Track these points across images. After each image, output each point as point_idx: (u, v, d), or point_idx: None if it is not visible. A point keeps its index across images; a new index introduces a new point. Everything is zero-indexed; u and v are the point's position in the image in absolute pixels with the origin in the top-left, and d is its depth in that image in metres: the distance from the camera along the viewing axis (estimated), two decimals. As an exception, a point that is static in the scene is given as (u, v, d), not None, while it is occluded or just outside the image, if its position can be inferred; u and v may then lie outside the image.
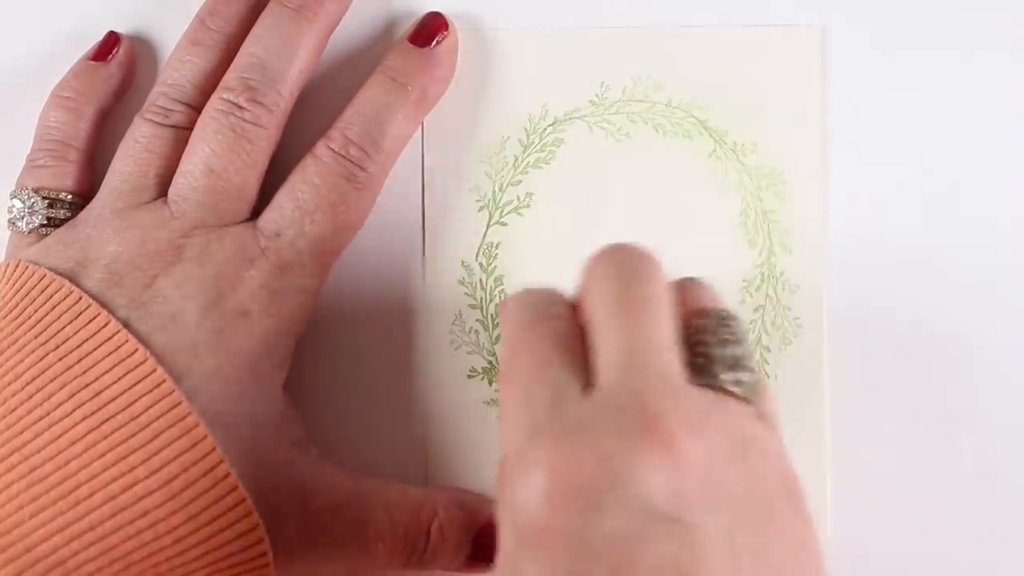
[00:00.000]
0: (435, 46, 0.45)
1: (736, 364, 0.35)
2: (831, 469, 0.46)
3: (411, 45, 0.45)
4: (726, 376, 0.35)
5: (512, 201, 0.46)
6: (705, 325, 0.35)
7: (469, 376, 0.46)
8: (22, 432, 0.39)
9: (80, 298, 0.41)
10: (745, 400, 0.35)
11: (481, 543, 0.45)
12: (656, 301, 0.35)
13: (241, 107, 0.43)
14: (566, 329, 0.36)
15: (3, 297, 0.42)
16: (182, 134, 0.44)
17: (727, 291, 0.46)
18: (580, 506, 0.32)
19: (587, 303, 0.36)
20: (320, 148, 0.43)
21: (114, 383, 0.40)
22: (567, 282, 0.46)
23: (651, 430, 0.32)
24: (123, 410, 0.40)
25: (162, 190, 0.43)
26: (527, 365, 0.35)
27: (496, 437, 0.46)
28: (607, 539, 0.31)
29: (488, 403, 0.46)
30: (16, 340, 0.41)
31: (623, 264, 0.36)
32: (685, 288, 0.37)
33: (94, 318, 0.41)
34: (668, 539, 0.31)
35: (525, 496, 0.33)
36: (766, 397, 0.35)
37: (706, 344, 0.35)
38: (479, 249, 0.46)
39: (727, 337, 0.35)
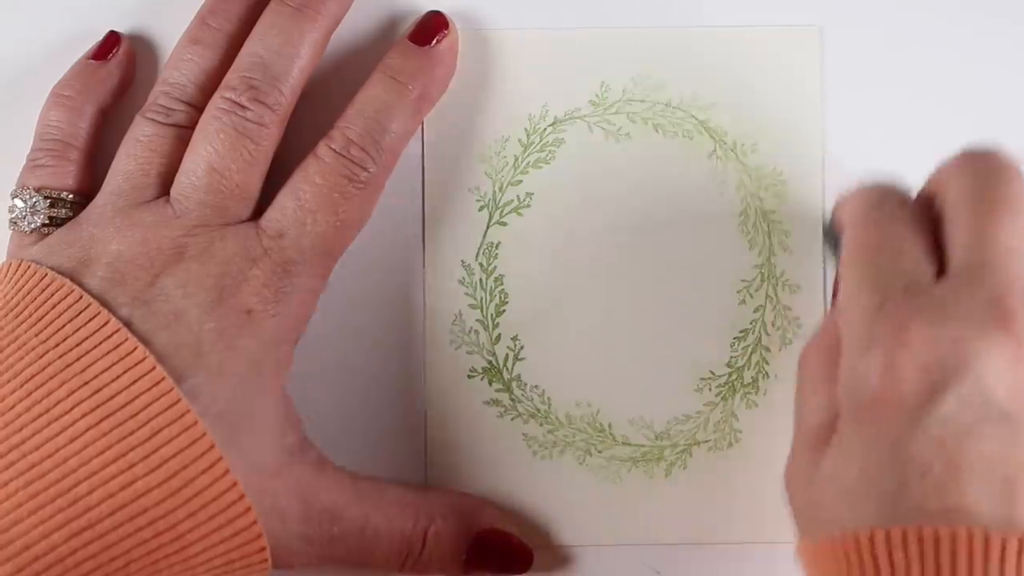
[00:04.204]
0: (435, 45, 0.45)
1: None
2: (831, 469, 0.46)
3: (411, 44, 0.45)
4: None
5: (512, 201, 0.46)
6: None
7: (469, 376, 0.46)
8: (21, 430, 0.39)
9: (80, 297, 0.41)
10: None
11: (477, 549, 0.45)
12: (1017, 203, 0.36)
13: (243, 106, 0.43)
14: (919, 213, 0.37)
15: (4, 296, 0.42)
16: (184, 133, 0.44)
17: (727, 291, 0.46)
18: (923, 384, 0.34)
19: (944, 196, 0.37)
20: (321, 148, 0.43)
21: (113, 381, 0.40)
22: (567, 282, 0.46)
23: (1004, 324, 0.34)
24: (122, 408, 0.40)
25: (164, 189, 0.43)
26: (879, 241, 0.37)
27: (496, 436, 0.46)
28: (942, 421, 0.33)
29: (488, 403, 0.46)
30: (17, 339, 0.41)
31: (986, 166, 0.37)
32: None
33: (94, 317, 0.41)
34: (999, 439, 0.33)
35: (867, 369, 0.34)
36: None
37: None
38: (479, 249, 0.46)
39: None
